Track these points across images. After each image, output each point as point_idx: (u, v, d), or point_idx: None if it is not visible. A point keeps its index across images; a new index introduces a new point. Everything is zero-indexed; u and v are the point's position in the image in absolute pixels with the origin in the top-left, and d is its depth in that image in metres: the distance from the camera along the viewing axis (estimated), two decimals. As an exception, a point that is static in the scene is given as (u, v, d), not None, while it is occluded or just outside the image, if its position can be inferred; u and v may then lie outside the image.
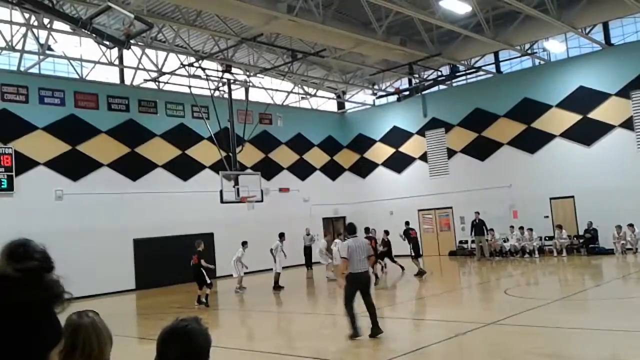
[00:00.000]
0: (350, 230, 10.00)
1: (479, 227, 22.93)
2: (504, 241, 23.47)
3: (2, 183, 18.22)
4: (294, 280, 19.48)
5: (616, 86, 21.80)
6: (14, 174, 18.50)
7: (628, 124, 21.56)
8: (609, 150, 21.85)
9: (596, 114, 22.25)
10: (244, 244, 18.46)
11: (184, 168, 23.28)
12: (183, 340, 2.10)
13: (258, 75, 23.53)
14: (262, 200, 20.17)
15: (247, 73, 23.63)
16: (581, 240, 21.94)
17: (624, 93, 21.63)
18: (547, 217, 23.00)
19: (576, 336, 8.83)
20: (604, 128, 22.06)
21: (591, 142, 22.35)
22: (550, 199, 23.12)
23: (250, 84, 23.54)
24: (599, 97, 22.17)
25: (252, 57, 23.39)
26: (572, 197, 22.53)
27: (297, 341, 9.91)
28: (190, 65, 20.90)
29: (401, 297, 15.51)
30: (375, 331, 8.99)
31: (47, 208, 19.05)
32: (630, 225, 20.29)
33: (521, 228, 22.94)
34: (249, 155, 23.57)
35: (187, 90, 21.66)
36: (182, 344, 2.09)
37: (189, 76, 21.30)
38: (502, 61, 24.93)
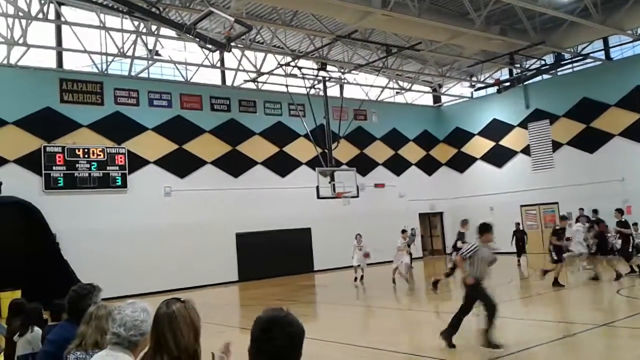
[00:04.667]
0: (483, 229, 8.43)
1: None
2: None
3: (117, 180, 19.60)
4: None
5: None
6: (127, 172, 19.84)
7: None
8: None
9: None
10: (404, 231, 18.16)
11: (282, 165, 23.87)
12: (285, 327, 2.21)
13: (353, 71, 23.60)
14: (357, 196, 20.26)
15: (342, 70, 23.78)
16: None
17: None
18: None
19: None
20: None
21: None
22: (669, 193, 21.35)
23: (345, 81, 23.68)
24: None
25: (347, 54, 23.49)
26: (695, 191, 20.66)
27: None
28: (287, 64, 21.36)
29: (506, 294, 14.96)
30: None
31: (157, 204, 20.29)
32: None
33: (635, 224, 21.37)
34: (344, 151, 23.72)
35: (284, 89, 22.18)
36: (285, 331, 2.20)
37: (286, 75, 21.78)
38: (613, 47, 23.35)
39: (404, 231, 18.18)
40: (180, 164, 21.22)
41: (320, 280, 21.49)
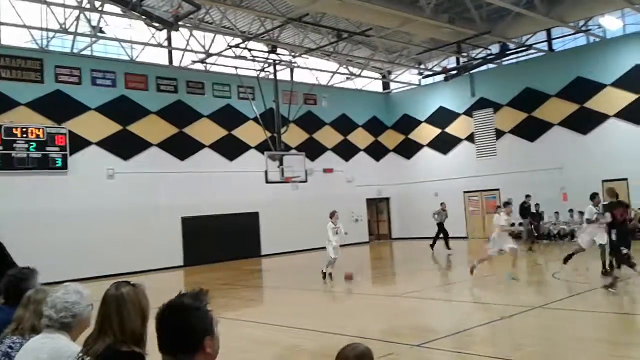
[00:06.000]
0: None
1: (528, 209, 22.41)
2: (553, 224, 22.97)
3: (57, 162, 18.91)
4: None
5: (676, 64, 20.78)
6: (68, 153, 19.16)
7: (688, 104, 20.56)
8: (667, 131, 20.93)
9: (654, 93, 21.31)
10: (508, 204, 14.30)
11: (230, 148, 23.61)
12: (175, 315, 2.09)
13: (303, 55, 23.49)
14: (306, 181, 20.30)
15: (293, 53, 23.63)
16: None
17: (685, 71, 20.60)
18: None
19: (627, 322, 8.60)
20: (662, 108, 21.11)
21: (648, 122, 21.46)
22: (603, 181, 22.36)
23: (296, 65, 23.56)
24: (658, 76, 21.20)
25: (298, 38, 23.35)
26: (626, 179, 21.72)
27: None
28: (237, 46, 21.04)
29: (447, 278, 15.42)
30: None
31: (99, 186, 19.72)
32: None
33: (570, 211, 22.38)
34: (293, 135, 23.67)
35: (233, 71, 21.86)
36: (173, 320, 2.09)
37: (236, 57, 21.47)
38: (555, 39, 24.11)
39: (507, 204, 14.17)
40: (124, 146, 20.65)
41: (267, 264, 21.50)
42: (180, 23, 16.69)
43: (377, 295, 12.51)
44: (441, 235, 21.59)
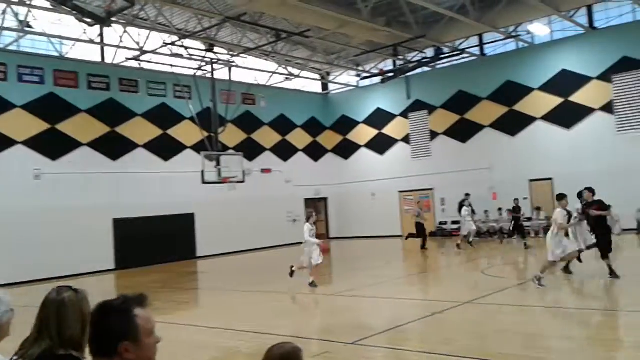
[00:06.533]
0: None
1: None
2: (483, 222, 23.81)
3: (-20, 161, 17.94)
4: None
5: (598, 70, 21.98)
6: (-9, 152, 18.22)
7: (608, 108, 21.79)
8: (588, 134, 22.12)
9: (577, 97, 22.46)
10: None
11: (165, 148, 23.10)
12: (95, 316, 2.13)
13: (241, 55, 23.31)
14: (243, 181, 20.16)
15: (231, 53, 23.41)
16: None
17: (605, 77, 21.81)
18: (526, 198, 23.24)
19: (547, 315, 9.03)
20: (584, 111, 22.29)
21: (571, 125, 22.60)
22: (530, 181, 23.40)
23: (234, 64, 23.36)
24: (581, 81, 22.36)
25: (236, 37, 23.13)
26: (551, 179, 22.81)
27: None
28: (173, 44, 20.63)
29: (382, 276, 15.68)
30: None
31: (25, 187, 18.82)
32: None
33: (499, 209, 23.30)
34: (231, 135, 23.47)
35: (169, 69, 21.44)
36: (93, 321, 2.13)
37: (172, 55, 21.05)
38: (486, 44, 24.97)
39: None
40: (53, 145, 19.81)
41: (203, 266, 21.21)
42: (113, 19, 16.20)
43: (314, 295, 12.58)
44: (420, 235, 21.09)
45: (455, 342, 7.42)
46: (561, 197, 11.44)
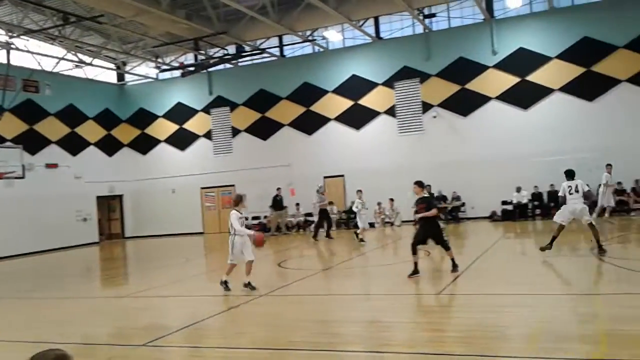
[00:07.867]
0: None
1: (279, 202, 23.68)
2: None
3: None
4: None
5: (383, 76, 24.17)
6: None
7: (391, 111, 24.08)
8: (375, 134, 24.23)
9: (366, 101, 24.44)
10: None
11: None
12: None
13: (22, 36, 20.94)
14: (23, 177, 18.21)
15: (10, 33, 20.89)
16: (352, 216, 23.83)
17: (389, 83, 24.07)
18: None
19: (340, 302, 9.63)
20: (371, 114, 24.33)
21: (360, 126, 24.52)
22: (324, 177, 24.83)
23: (13, 46, 20.91)
24: (369, 86, 24.38)
25: (17, 16, 20.69)
26: (343, 175, 24.51)
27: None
28: None
29: (180, 274, 15.32)
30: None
31: None
32: (391, 200, 22.87)
33: (297, 204, 24.35)
34: (9, 126, 21.10)
35: None
36: None
37: None
38: (286, 45, 25.87)
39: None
40: None
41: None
42: None
43: (104, 298, 11.80)
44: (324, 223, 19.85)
45: (250, 333, 7.52)
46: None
